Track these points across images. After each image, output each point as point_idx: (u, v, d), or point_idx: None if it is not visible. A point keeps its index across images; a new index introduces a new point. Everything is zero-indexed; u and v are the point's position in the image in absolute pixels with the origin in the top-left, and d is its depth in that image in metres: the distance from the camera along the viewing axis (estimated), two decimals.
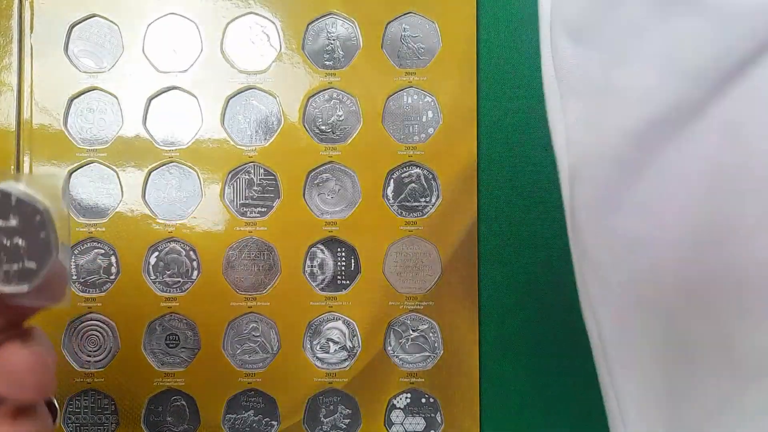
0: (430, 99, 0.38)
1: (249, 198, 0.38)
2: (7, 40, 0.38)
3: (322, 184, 0.38)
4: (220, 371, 0.37)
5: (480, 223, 0.38)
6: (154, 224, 0.38)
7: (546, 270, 0.38)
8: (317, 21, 0.38)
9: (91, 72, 0.38)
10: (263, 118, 0.38)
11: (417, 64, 0.38)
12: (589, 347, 0.38)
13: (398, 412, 0.38)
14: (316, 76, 0.38)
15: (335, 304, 0.38)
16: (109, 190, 0.38)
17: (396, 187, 0.38)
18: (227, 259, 0.38)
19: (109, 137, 0.38)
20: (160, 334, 0.38)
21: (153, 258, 0.38)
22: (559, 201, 0.38)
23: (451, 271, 0.38)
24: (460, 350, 0.38)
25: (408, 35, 0.38)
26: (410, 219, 0.38)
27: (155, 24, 0.38)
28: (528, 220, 0.38)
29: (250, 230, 0.38)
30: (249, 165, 0.38)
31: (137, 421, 0.37)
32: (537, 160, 0.38)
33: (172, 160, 0.38)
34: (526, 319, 0.38)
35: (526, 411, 0.38)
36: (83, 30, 0.39)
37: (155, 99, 0.38)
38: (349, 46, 0.38)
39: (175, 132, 0.38)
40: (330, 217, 0.38)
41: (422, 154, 0.38)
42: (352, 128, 0.38)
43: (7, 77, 0.38)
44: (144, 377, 0.38)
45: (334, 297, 0.38)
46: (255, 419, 0.38)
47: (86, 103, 0.38)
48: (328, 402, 0.38)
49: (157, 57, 0.38)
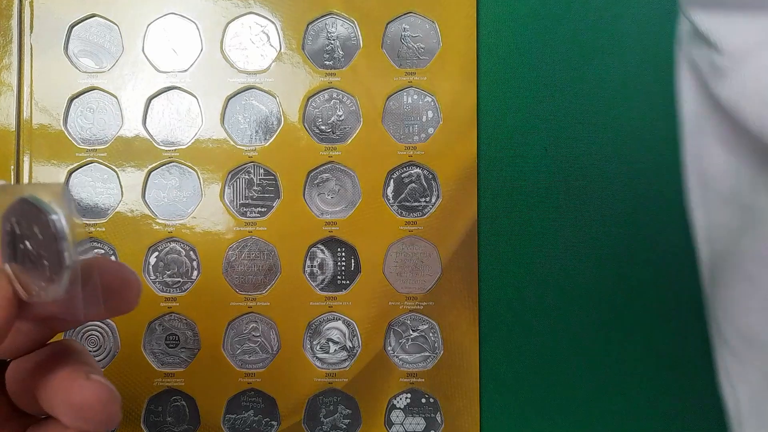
0: (430, 99, 0.38)
1: (249, 198, 0.38)
2: (7, 40, 0.38)
3: (322, 184, 0.38)
4: (220, 371, 0.37)
5: (480, 223, 0.38)
6: (154, 224, 0.38)
7: (546, 270, 0.38)
8: (317, 21, 0.38)
9: (91, 72, 0.38)
10: (263, 118, 0.38)
11: (417, 64, 0.38)
12: (589, 347, 0.38)
13: (398, 412, 0.38)
14: (316, 76, 0.38)
15: (335, 304, 0.38)
16: (109, 190, 0.38)
17: (396, 187, 0.38)
18: (227, 259, 0.38)
19: (109, 137, 0.38)
20: (160, 334, 0.38)
21: (153, 258, 0.38)
22: (559, 201, 0.38)
23: (451, 271, 0.38)
24: (460, 350, 0.38)
25: (408, 35, 0.38)
26: (410, 219, 0.38)
27: (155, 24, 0.38)
28: (528, 220, 0.38)
29: (250, 230, 0.38)
30: (249, 165, 0.38)
31: (137, 421, 0.37)
32: (537, 160, 0.38)
33: (172, 160, 0.38)
34: (526, 319, 0.38)
35: (526, 411, 0.38)
36: (83, 30, 0.39)
37: (155, 99, 0.38)
38: (349, 46, 0.38)
39: (175, 132, 0.38)
40: (330, 217, 0.38)
41: (422, 154, 0.38)
42: (352, 128, 0.38)
43: (7, 77, 0.38)
44: (144, 377, 0.38)
45: (334, 297, 0.38)
46: (255, 419, 0.38)
47: (86, 103, 0.38)
48: (328, 402, 0.38)
49: (157, 57, 0.38)
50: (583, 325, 0.38)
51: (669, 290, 0.38)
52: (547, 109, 0.38)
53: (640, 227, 0.38)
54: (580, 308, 0.38)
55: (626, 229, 0.38)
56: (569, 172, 0.38)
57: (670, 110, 0.39)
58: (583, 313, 0.38)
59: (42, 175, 0.38)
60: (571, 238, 0.38)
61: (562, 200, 0.38)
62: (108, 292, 0.21)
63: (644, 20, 0.38)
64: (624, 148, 0.38)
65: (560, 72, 0.38)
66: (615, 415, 0.38)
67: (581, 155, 0.38)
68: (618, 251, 0.38)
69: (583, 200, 0.38)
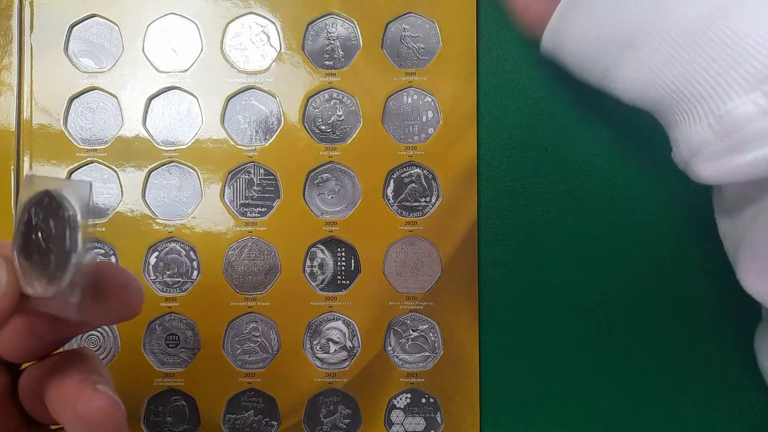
0: (430, 99, 0.38)
1: (249, 198, 0.38)
2: (7, 40, 0.38)
3: (322, 184, 0.38)
4: (220, 371, 0.37)
5: (480, 223, 0.38)
6: (154, 224, 0.38)
7: (546, 270, 0.38)
8: (317, 21, 0.38)
9: (91, 72, 0.38)
10: (263, 118, 0.38)
11: (417, 64, 0.38)
12: (589, 347, 0.38)
13: (398, 412, 0.38)
14: (316, 76, 0.38)
15: (335, 304, 0.38)
16: (109, 190, 0.38)
17: (396, 187, 0.38)
18: (227, 259, 0.38)
19: (109, 137, 0.38)
20: (160, 334, 0.38)
21: (153, 258, 0.38)
22: (559, 201, 0.38)
23: (451, 271, 0.38)
24: (460, 350, 0.38)
25: (408, 35, 0.38)
26: (410, 219, 0.38)
27: (155, 24, 0.38)
28: (528, 220, 0.38)
29: (250, 230, 0.38)
30: (249, 165, 0.38)
31: (137, 421, 0.37)
32: (537, 160, 0.38)
33: (172, 160, 0.38)
34: (526, 319, 0.38)
35: (526, 411, 0.38)
36: (83, 30, 0.39)
37: (155, 99, 0.38)
38: (349, 46, 0.38)
39: (175, 132, 0.38)
40: (330, 217, 0.38)
41: (422, 154, 0.38)
42: (352, 128, 0.38)
43: (7, 77, 0.38)
44: (144, 377, 0.38)
45: (334, 297, 0.38)
46: (255, 419, 0.38)
47: (86, 103, 0.38)
48: (328, 402, 0.38)
49: (157, 57, 0.38)
50: (584, 325, 0.38)
51: (669, 290, 0.38)
52: (547, 109, 0.38)
53: (641, 227, 0.38)
54: (580, 308, 0.38)
55: (626, 229, 0.38)
56: (569, 172, 0.38)
57: None
58: (584, 313, 0.38)
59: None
60: (571, 238, 0.38)
61: (562, 200, 0.38)
62: (108, 296, 0.21)
63: None
64: (624, 148, 0.38)
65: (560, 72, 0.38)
66: (615, 414, 0.38)
67: (581, 155, 0.38)
68: (618, 251, 0.38)
69: (583, 200, 0.38)
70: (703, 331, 0.38)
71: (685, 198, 0.38)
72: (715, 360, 0.38)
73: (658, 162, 0.38)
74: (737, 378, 0.37)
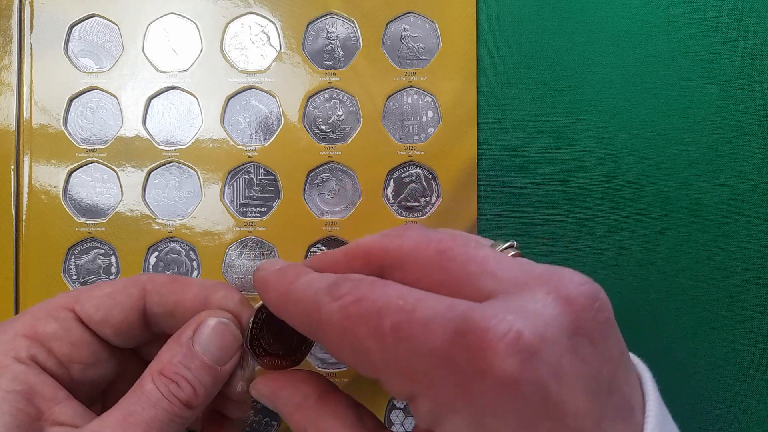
0: (430, 99, 0.38)
1: (249, 198, 0.38)
2: (7, 40, 0.38)
3: (322, 184, 0.38)
4: None
5: (480, 223, 0.38)
6: (154, 224, 0.38)
7: None
8: (317, 21, 0.38)
9: (91, 72, 0.38)
10: (263, 118, 0.38)
11: (417, 64, 0.38)
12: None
13: (398, 412, 0.38)
14: (316, 76, 0.38)
15: None
16: (109, 190, 0.38)
17: (396, 187, 0.38)
18: (227, 259, 0.38)
19: (108, 137, 0.38)
20: None
21: (153, 258, 0.38)
22: (559, 201, 0.38)
23: None
24: None
25: (408, 35, 0.38)
26: (410, 219, 0.38)
27: (155, 24, 0.38)
28: (528, 220, 0.38)
29: (250, 230, 0.38)
30: (249, 165, 0.38)
31: None
32: (537, 160, 0.38)
33: (172, 160, 0.38)
34: None
35: None
36: (83, 30, 0.39)
37: (155, 99, 0.38)
38: (349, 46, 0.38)
39: (175, 132, 0.38)
40: (330, 217, 0.38)
41: (422, 154, 0.38)
42: (352, 128, 0.38)
43: (7, 77, 0.38)
44: None
45: None
46: (255, 419, 0.38)
47: (86, 103, 0.38)
48: None
49: (157, 57, 0.38)
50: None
51: (669, 290, 0.38)
52: (547, 109, 0.38)
53: (641, 227, 0.38)
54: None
55: (626, 229, 0.38)
56: (569, 172, 0.38)
57: (670, 110, 0.39)
58: None
59: (42, 175, 0.38)
60: (571, 238, 0.38)
61: (562, 200, 0.38)
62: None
63: (644, 20, 0.38)
64: (624, 148, 0.38)
65: (560, 72, 0.38)
66: None
67: (581, 155, 0.38)
68: (618, 251, 0.38)
69: (583, 200, 0.38)
70: (704, 331, 0.38)
71: (685, 198, 0.38)
72: (715, 360, 0.38)
73: (658, 162, 0.38)
74: (737, 378, 0.37)
